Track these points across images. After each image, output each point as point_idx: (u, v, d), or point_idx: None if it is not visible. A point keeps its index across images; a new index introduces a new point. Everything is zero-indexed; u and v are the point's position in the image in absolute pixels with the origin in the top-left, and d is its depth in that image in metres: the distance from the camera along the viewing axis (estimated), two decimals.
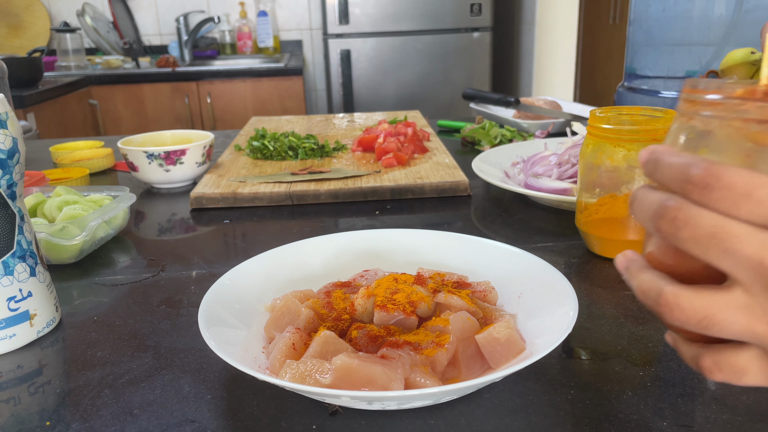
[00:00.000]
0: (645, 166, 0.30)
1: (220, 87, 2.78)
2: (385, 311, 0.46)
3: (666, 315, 0.29)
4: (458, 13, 2.89)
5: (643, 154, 0.31)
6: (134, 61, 2.93)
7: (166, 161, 0.94)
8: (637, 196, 0.31)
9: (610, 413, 0.41)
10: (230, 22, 3.33)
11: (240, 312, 0.49)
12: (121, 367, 0.48)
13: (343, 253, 0.59)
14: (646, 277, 0.30)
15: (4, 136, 0.48)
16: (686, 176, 0.27)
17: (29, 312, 0.52)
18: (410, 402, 0.39)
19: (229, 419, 0.42)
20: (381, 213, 0.84)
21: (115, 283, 0.64)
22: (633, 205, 0.31)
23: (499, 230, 0.76)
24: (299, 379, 0.39)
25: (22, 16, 3.09)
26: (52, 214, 0.71)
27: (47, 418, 0.42)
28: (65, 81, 2.53)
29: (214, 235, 0.78)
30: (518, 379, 0.45)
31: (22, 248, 0.51)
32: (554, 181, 0.81)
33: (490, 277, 0.54)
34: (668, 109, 0.61)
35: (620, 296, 0.57)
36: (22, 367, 0.49)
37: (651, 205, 0.29)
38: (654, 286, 0.29)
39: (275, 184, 0.90)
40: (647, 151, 0.30)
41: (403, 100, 2.99)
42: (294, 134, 1.12)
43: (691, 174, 0.27)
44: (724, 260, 0.27)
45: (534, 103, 1.30)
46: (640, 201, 0.30)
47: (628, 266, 0.32)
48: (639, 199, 0.30)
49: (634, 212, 0.31)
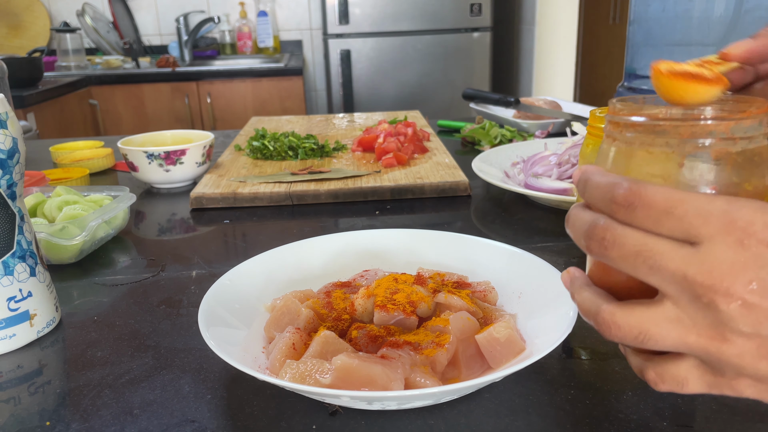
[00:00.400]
0: (577, 185, 0.32)
1: (220, 87, 2.78)
2: (385, 311, 0.46)
3: (605, 332, 0.30)
4: (458, 13, 2.89)
5: (576, 173, 0.32)
6: (134, 61, 2.93)
7: (166, 161, 0.94)
8: (570, 215, 0.32)
9: (610, 413, 0.41)
10: (230, 22, 3.33)
11: (240, 312, 0.49)
12: (121, 367, 0.48)
13: (343, 253, 0.59)
14: (586, 295, 0.32)
15: (4, 136, 0.48)
16: (611, 196, 0.29)
17: (29, 312, 0.52)
18: (410, 402, 0.39)
19: (229, 419, 0.42)
20: (381, 213, 0.84)
21: (115, 283, 0.64)
22: (567, 224, 0.32)
23: (499, 230, 0.76)
24: (299, 379, 0.39)
25: (22, 16, 3.09)
26: (52, 214, 0.71)
27: (47, 418, 0.42)
28: (65, 81, 2.53)
29: (214, 235, 0.78)
30: (518, 379, 0.45)
31: (22, 248, 0.51)
32: (554, 181, 0.81)
33: (490, 277, 0.54)
34: None
35: None
36: (22, 367, 0.49)
37: (582, 225, 0.30)
38: (592, 305, 0.31)
39: (275, 184, 0.90)
40: (579, 171, 0.32)
41: (403, 100, 2.99)
42: (294, 134, 1.12)
43: (616, 194, 0.28)
44: (652, 276, 0.28)
45: (534, 103, 1.30)
46: (573, 221, 0.31)
47: (572, 284, 0.34)
48: (572, 219, 0.32)
49: (568, 231, 0.32)
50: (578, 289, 0.33)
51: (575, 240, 0.31)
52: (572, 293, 0.33)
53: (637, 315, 0.29)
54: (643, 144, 0.31)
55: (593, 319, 0.31)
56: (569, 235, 0.32)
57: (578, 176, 0.31)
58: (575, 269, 0.35)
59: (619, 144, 0.32)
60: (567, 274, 0.35)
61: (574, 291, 0.33)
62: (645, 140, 0.31)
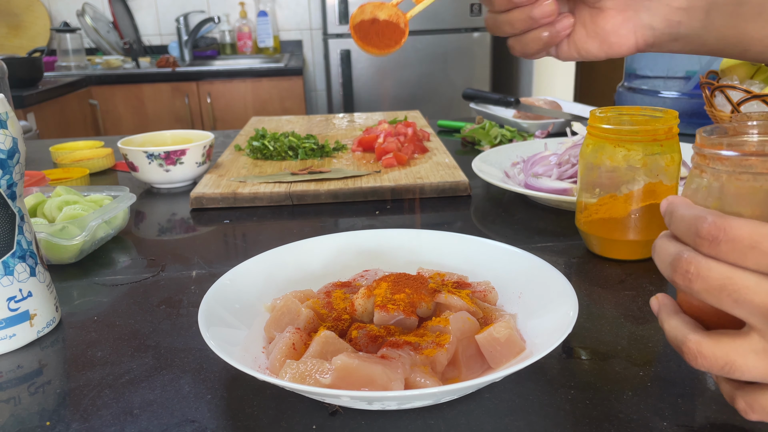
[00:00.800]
0: (663, 216, 0.32)
1: (220, 87, 2.78)
2: (385, 311, 0.46)
3: (691, 362, 0.30)
4: (458, 13, 2.89)
5: (663, 204, 0.33)
6: (134, 61, 2.93)
7: (166, 161, 0.94)
8: (656, 245, 0.32)
9: (610, 413, 0.41)
10: (230, 22, 3.33)
11: (240, 312, 0.49)
12: (121, 367, 0.48)
13: (343, 253, 0.59)
14: (673, 323, 0.32)
15: (4, 136, 0.48)
16: (696, 230, 0.29)
17: (29, 312, 0.52)
18: (410, 402, 0.39)
19: (229, 419, 0.42)
20: (381, 213, 0.84)
21: (115, 283, 0.64)
22: (653, 253, 0.33)
23: (499, 230, 0.76)
24: (299, 379, 0.39)
25: (22, 16, 3.09)
26: (52, 214, 0.71)
27: (47, 418, 0.42)
28: (65, 81, 2.53)
29: (214, 235, 0.78)
30: (518, 379, 0.45)
31: (22, 248, 0.51)
32: (554, 181, 0.81)
33: (490, 277, 0.54)
34: (668, 109, 0.61)
35: (620, 296, 0.57)
36: (22, 367, 0.49)
37: (667, 257, 0.31)
38: (679, 334, 0.31)
39: (275, 184, 0.90)
40: (665, 202, 0.32)
41: (403, 100, 2.99)
42: (294, 134, 1.12)
43: (700, 228, 0.29)
44: (737, 309, 0.28)
45: (534, 103, 1.30)
46: (658, 251, 0.32)
47: (660, 310, 0.34)
48: (658, 249, 0.32)
49: (655, 261, 0.32)
50: (666, 316, 0.33)
51: (660, 270, 0.32)
52: (660, 320, 0.34)
53: (723, 346, 0.29)
54: (731, 177, 0.31)
55: (679, 348, 0.31)
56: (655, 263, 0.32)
57: (665, 207, 0.32)
58: (663, 296, 0.35)
59: (706, 176, 0.33)
60: (656, 300, 0.35)
61: (662, 318, 0.33)
62: (733, 173, 0.31)
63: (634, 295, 0.57)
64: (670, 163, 0.60)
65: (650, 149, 0.59)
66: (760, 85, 0.97)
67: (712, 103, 0.98)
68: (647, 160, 0.59)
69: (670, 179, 0.60)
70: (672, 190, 0.61)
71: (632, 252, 0.64)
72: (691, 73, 1.22)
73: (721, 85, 0.95)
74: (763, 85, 0.97)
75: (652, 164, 0.59)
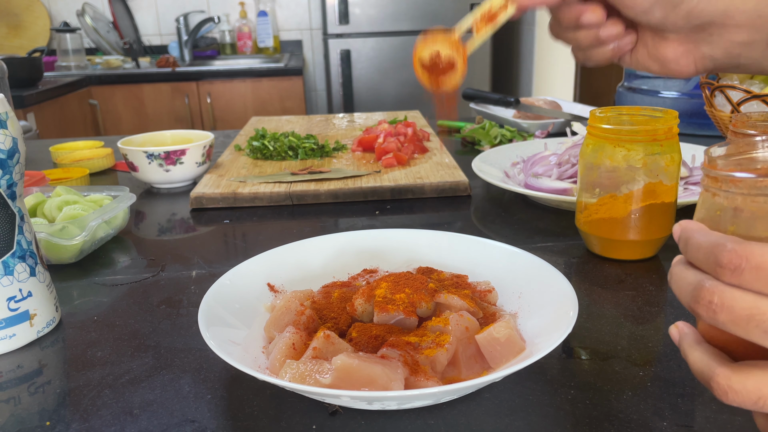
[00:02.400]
0: (678, 243, 0.30)
1: (220, 87, 2.78)
2: (385, 311, 0.46)
3: (721, 398, 0.28)
4: (458, 13, 2.89)
5: (676, 230, 0.31)
6: (134, 61, 2.93)
7: (166, 161, 0.94)
8: (673, 274, 0.31)
9: (610, 413, 0.41)
10: (230, 22, 3.33)
11: (240, 312, 0.49)
12: (121, 367, 0.48)
13: (343, 253, 0.59)
14: (697, 355, 0.30)
15: (4, 136, 0.48)
16: (716, 259, 0.27)
17: (29, 312, 0.52)
18: (410, 402, 0.39)
19: (229, 419, 0.42)
20: (381, 213, 0.84)
21: (115, 283, 0.64)
22: (671, 282, 0.31)
23: (499, 230, 0.76)
24: (299, 379, 0.39)
25: (22, 16, 3.09)
26: (52, 214, 0.71)
27: (47, 418, 0.42)
28: (65, 81, 2.53)
29: (214, 235, 0.78)
30: (518, 379, 0.45)
31: (22, 248, 0.51)
32: (554, 181, 0.81)
33: (490, 277, 0.54)
34: (668, 109, 0.61)
35: (620, 296, 0.57)
36: (22, 367, 0.49)
37: (687, 287, 0.29)
38: (705, 368, 0.29)
39: (275, 184, 0.90)
40: (679, 228, 0.31)
41: (403, 100, 2.99)
42: (294, 134, 1.12)
43: (720, 257, 0.27)
44: (767, 340, 0.26)
45: (534, 103, 1.30)
46: (676, 280, 0.30)
47: (681, 341, 0.32)
48: (675, 278, 0.30)
49: (673, 290, 0.31)
50: (688, 348, 0.31)
51: (681, 300, 0.30)
52: (683, 351, 0.32)
53: (754, 379, 0.27)
54: (746, 199, 0.29)
55: (707, 383, 0.29)
56: (674, 293, 0.30)
57: (678, 233, 0.30)
58: (684, 324, 0.33)
59: (719, 199, 0.31)
60: (675, 329, 0.33)
61: (685, 350, 0.31)
62: (748, 195, 0.29)
63: (634, 295, 0.57)
64: (670, 163, 0.60)
65: (650, 149, 0.59)
66: (760, 85, 0.97)
67: (712, 103, 0.98)
68: (647, 160, 0.59)
69: (670, 179, 0.60)
70: (672, 190, 0.61)
71: (632, 252, 0.64)
72: None
73: (721, 85, 0.95)
74: (763, 85, 0.97)
75: (652, 164, 0.59)
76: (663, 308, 0.55)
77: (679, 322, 0.33)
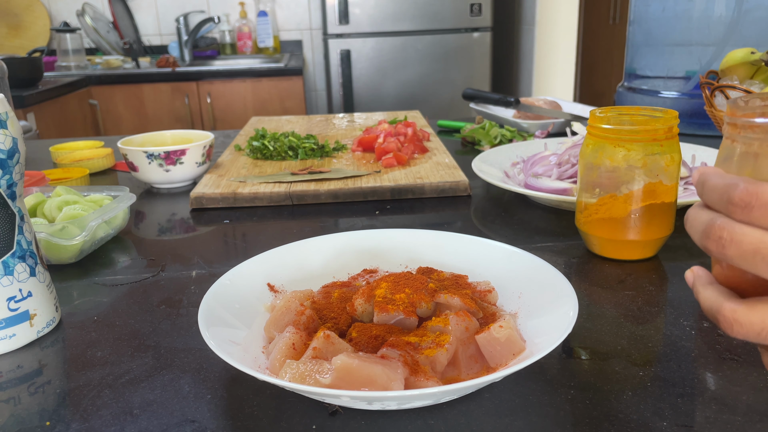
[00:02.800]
0: (696, 186, 0.32)
1: (220, 87, 2.78)
2: (385, 311, 0.46)
3: (727, 330, 0.30)
4: (458, 13, 2.89)
5: (695, 174, 0.32)
6: (134, 61, 2.93)
7: (166, 161, 0.94)
8: (689, 215, 0.32)
9: (610, 413, 0.41)
10: (230, 22, 3.33)
11: (240, 312, 0.49)
12: (121, 367, 0.48)
13: (343, 253, 0.59)
14: (708, 293, 0.32)
15: (4, 136, 0.48)
16: (728, 197, 0.29)
17: (29, 312, 0.52)
18: (410, 402, 0.39)
19: (229, 419, 0.42)
20: (381, 213, 0.84)
21: (115, 283, 0.64)
22: (686, 223, 0.32)
23: (499, 230, 0.76)
24: (299, 379, 0.39)
25: (22, 16, 3.09)
26: (52, 214, 0.71)
27: (47, 418, 0.42)
28: (65, 81, 2.53)
29: (214, 235, 0.78)
30: (518, 379, 0.45)
31: (22, 248, 0.51)
32: (554, 181, 0.81)
33: (490, 277, 0.54)
34: (668, 109, 0.61)
35: (620, 296, 0.57)
36: (22, 367, 0.49)
37: (700, 225, 0.31)
38: (714, 303, 0.31)
39: (275, 184, 0.90)
40: (697, 173, 0.32)
41: (403, 100, 2.99)
42: (294, 134, 1.12)
43: (732, 195, 0.29)
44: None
45: (534, 103, 1.30)
46: (691, 220, 0.32)
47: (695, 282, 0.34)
48: (690, 219, 0.32)
49: (687, 230, 0.32)
50: (701, 287, 0.33)
51: (694, 239, 0.31)
52: (695, 291, 0.33)
53: (759, 312, 0.29)
54: (763, 144, 0.31)
55: (715, 317, 0.31)
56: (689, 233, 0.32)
57: (697, 177, 0.32)
58: (698, 268, 0.35)
59: (738, 145, 0.33)
60: (690, 273, 0.35)
61: (697, 289, 0.33)
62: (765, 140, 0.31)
63: (634, 295, 0.57)
64: (670, 163, 0.60)
65: (650, 149, 0.59)
66: (760, 85, 0.97)
67: (712, 103, 0.98)
68: (647, 160, 0.59)
69: (670, 179, 0.60)
70: (672, 190, 0.61)
71: (632, 252, 0.64)
72: (691, 73, 1.22)
73: (721, 85, 0.95)
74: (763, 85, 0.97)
75: (652, 164, 0.59)
76: (663, 308, 0.55)
77: (694, 266, 0.35)
